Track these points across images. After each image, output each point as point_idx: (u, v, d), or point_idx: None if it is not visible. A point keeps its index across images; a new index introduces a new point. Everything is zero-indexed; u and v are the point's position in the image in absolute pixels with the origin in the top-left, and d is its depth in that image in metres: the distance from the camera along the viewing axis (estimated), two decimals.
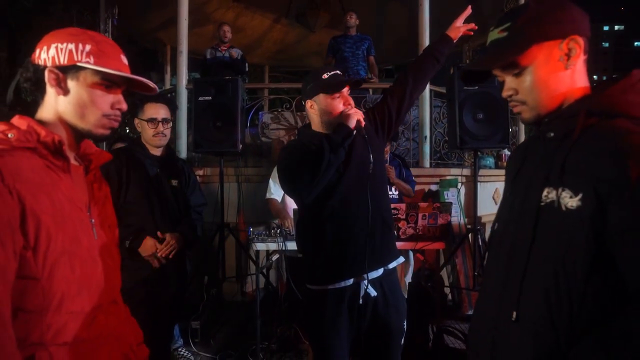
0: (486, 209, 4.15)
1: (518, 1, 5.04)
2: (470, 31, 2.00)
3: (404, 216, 2.69)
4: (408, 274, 3.54)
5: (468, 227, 3.95)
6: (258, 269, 2.94)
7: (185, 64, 4.49)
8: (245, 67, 5.45)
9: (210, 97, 3.56)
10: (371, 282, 1.75)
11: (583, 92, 0.99)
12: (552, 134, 0.97)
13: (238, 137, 3.52)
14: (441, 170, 4.41)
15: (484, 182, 4.39)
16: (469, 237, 3.73)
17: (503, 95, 1.05)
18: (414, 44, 4.55)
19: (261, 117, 4.99)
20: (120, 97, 1.06)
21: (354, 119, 1.75)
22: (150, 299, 2.03)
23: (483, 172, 4.49)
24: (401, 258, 1.92)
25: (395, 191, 3.42)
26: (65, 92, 1.01)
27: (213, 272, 3.74)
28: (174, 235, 2.18)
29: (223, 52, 5.44)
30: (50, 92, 1.01)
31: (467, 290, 3.92)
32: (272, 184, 3.42)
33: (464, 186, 4.31)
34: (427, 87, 4.34)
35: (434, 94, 4.73)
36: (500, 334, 1.00)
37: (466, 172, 4.36)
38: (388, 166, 3.31)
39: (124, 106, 1.07)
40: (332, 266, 1.75)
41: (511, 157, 1.20)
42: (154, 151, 2.27)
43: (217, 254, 3.67)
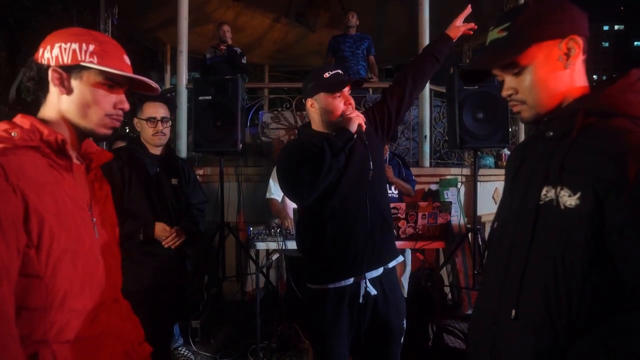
0: (486, 208, 4.15)
1: (518, 1, 5.04)
2: (470, 30, 1.99)
3: (403, 215, 2.70)
4: (406, 273, 3.54)
5: (468, 226, 3.95)
6: (258, 268, 2.95)
7: (185, 63, 4.49)
8: (243, 60, 5.41)
9: (210, 97, 3.57)
10: (371, 281, 1.76)
11: (582, 91, 0.99)
12: (551, 133, 0.98)
13: (238, 137, 3.52)
14: (441, 170, 4.42)
15: (483, 181, 4.40)
16: (468, 236, 3.73)
17: (502, 95, 1.05)
18: (413, 43, 4.54)
19: (261, 116, 4.99)
20: (123, 96, 1.07)
21: (355, 123, 1.74)
22: (150, 299, 2.03)
23: (483, 171, 4.49)
24: (401, 257, 1.92)
25: (395, 190, 3.41)
26: (69, 91, 1.01)
27: (213, 271, 3.74)
28: (178, 227, 2.18)
29: (223, 52, 5.44)
30: (54, 91, 1.02)
31: (466, 290, 3.93)
32: (272, 183, 3.42)
33: (463, 186, 4.31)
34: (426, 86, 4.35)
35: (434, 94, 4.73)
36: (500, 331, 1.00)
37: (466, 171, 4.36)
38: (386, 166, 3.31)
39: (126, 106, 1.07)
40: (332, 265, 1.75)
41: (511, 157, 1.20)
42: (154, 150, 2.27)
43: (217, 254, 3.67)
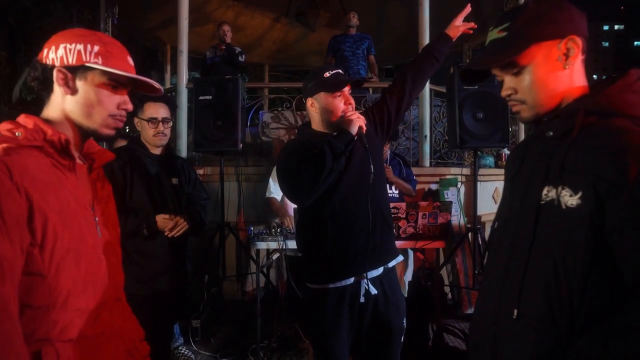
0: (486, 208, 4.16)
1: (518, 1, 5.04)
2: (470, 30, 1.99)
3: (404, 215, 2.70)
4: (408, 273, 3.55)
5: (468, 226, 3.95)
6: (258, 267, 2.95)
7: (186, 63, 4.49)
8: (240, 58, 5.39)
9: (210, 97, 3.57)
10: (371, 281, 1.76)
11: (581, 91, 0.99)
12: (551, 133, 0.98)
13: (238, 137, 3.52)
14: (441, 170, 4.42)
15: (483, 181, 4.40)
16: (468, 236, 3.73)
17: (502, 95, 1.05)
18: (414, 43, 4.54)
19: (261, 116, 5.00)
20: (126, 97, 1.08)
21: (356, 125, 1.74)
22: (150, 298, 2.03)
23: (483, 171, 4.49)
24: (400, 257, 1.93)
25: (395, 190, 3.41)
26: (73, 91, 1.02)
27: (213, 271, 3.75)
28: (181, 216, 2.16)
29: (222, 51, 5.44)
30: (58, 91, 1.02)
31: (467, 289, 3.93)
32: (272, 183, 3.42)
33: (463, 185, 4.31)
34: (427, 86, 4.35)
35: (434, 94, 4.73)
36: (501, 331, 1.01)
37: (466, 171, 4.36)
38: (386, 166, 3.31)
39: (129, 106, 1.08)
40: (332, 265, 1.75)
41: (510, 156, 1.21)
42: (154, 150, 2.27)
43: (218, 253, 3.68)
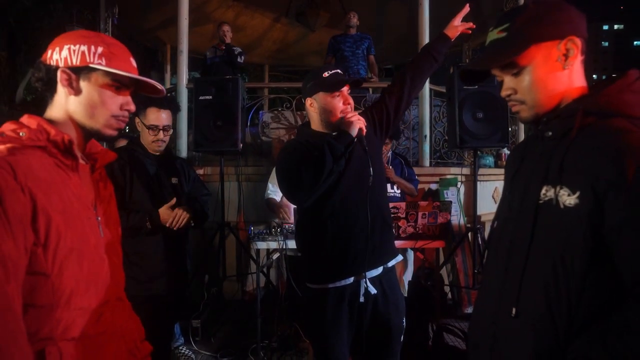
0: (486, 207, 4.16)
1: (518, 1, 5.05)
2: (469, 30, 1.99)
3: (404, 215, 2.71)
4: (408, 273, 3.55)
5: (468, 226, 3.96)
6: (258, 267, 2.96)
7: (186, 63, 4.49)
8: (239, 59, 5.39)
9: (210, 97, 3.57)
10: (371, 281, 1.76)
11: (581, 91, 1.00)
12: (550, 133, 0.99)
13: (238, 136, 3.53)
14: (441, 169, 4.42)
15: (483, 181, 4.40)
16: (468, 235, 3.74)
17: (502, 95, 1.06)
18: (413, 43, 4.55)
19: (261, 116, 5.00)
20: (129, 98, 1.09)
21: (357, 127, 1.74)
22: (151, 299, 2.04)
23: (483, 171, 4.50)
24: (400, 256, 1.93)
25: (397, 190, 3.41)
26: (77, 92, 1.03)
27: (214, 271, 3.75)
28: (181, 207, 2.15)
29: (222, 52, 5.44)
30: (61, 92, 1.03)
31: (466, 289, 3.94)
32: (271, 186, 3.43)
33: (463, 185, 4.32)
34: (426, 86, 4.36)
35: (434, 93, 4.74)
36: (501, 330, 1.01)
37: (466, 171, 4.36)
38: (388, 167, 3.31)
39: (132, 107, 1.09)
40: (332, 265, 1.76)
41: (510, 156, 1.21)
42: (152, 151, 2.28)
43: (218, 253, 3.68)
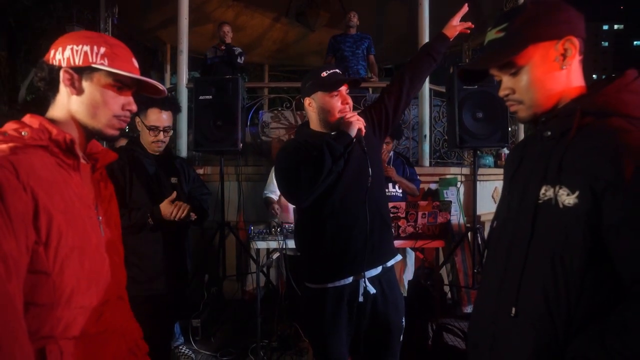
0: (485, 207, 4.17)
1: (517, 1, 5.05)
2: (467, 30, 2.00)
3: (403, 214, 2.71)
4: (408, 273, 3.55)
5: (467, 225, 3.96)
6: (258, 267, 2.96)
7: (186, 63, 4.50)
8: (239, 59, 5.40)
9: (210, 96, 3.58)
10: (370, 280, 1.77)
11: (579, 91, 1.00)
12: (549, 133, 0.99)
13: (238, 136, 3.53)
14: (441, 169, 4.43)
15: (483, 181, 4.41)
16: (468, 235, 3.74)
17: (500, 95, 1.06)
18: (413, 43, 4.55)
19: (261, 116, 5.01)
20: (131, 98, 1.09)
21: (355, 128, 1.74)
22: (150, 298, 2.04)
23: (482, 171, 4.50)
24: (399, 256, 1.94)
25: (399, 189, 3.41)
26: (79, 92, 1.03)
27: (213, 270, 3.76)
28: (180, 202, 2.13)
29: (222, 52, 5.44)
30: (64, 91, 1.04)
31: (466, 289, 3.94)
32: (268, 185, 3.46)
33: (463, 185, 4.32)
34: (426, 86, 4.36)
35: (434, 93, 4.74)
36: (500, 329, 1.01)
37: (465, 171, 4.37)
38: (389, 167, 3.32)
39: (133, 107, 1.10)
40: (331, 265, 1.76)
41: (509, 156, 1.22)
42: (152, 151, 2.28)
43: (218, 253, 3.68)
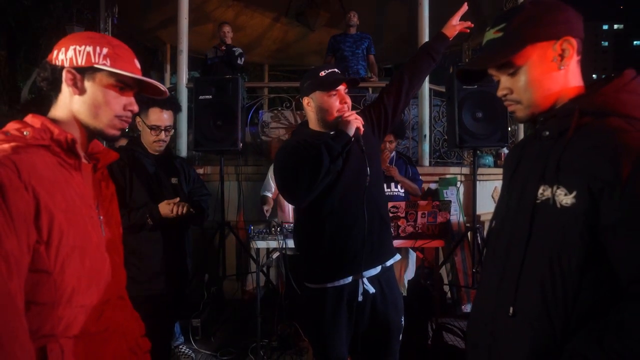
0: (485, 207, 4.17)
1: (517, 1, 5.05)
2: (467, 29, 1.99)
3: (403, 214, 2.72)
4: (408, 272, 3.56)
5: (467, 225, 3.96)
6: (258, 267, 2.97)
7: (186, 62, 4.50)
8: (239, 60, 5.41)
9: (210, 96, 3.59)
10: (369, 280, 1.77)
11: (577, 91, 1.01)
12: (547, 133, 0.99)
13: (238, 136, 3.54)
14: (440, 169, 4.43)
15: (483, 180, 4.41)
16: (468, 235, 3.75)
17: (498, 95, 1.07)
18: (413, 42, 4.56)
19: (261, 115, 5.01)
20: (132, 99, 1.10)
21: (354, 127, 1.75)
22: (150, 298, 2.04)
23: (482, 170, 4.50)
24: (398, 255, 1.94)
25: (401, 189, 3.41)
26: (82, 92, 1.04)
27: (213, 270, 3.76)
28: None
29: (222, 52, 5.45)
30: (66, 91, 1.04)
31: (466, 288, 3.94)
32: (266, 184, 3.48)
33: (463, 185, 4.33)
34: (426, 86, 4.37)
35: (434, 93, 4.75)
36: (499, 328, 1.02)
37: (465, 170, 4.37)
38: (391, 167, 3.32)
39: (135, 108, 1.10)
40: (331, 264, 1.76)
41: (508, 156, 1.22)
42: (153, 151, 2.28)
43: (218, 252, 3.69)
